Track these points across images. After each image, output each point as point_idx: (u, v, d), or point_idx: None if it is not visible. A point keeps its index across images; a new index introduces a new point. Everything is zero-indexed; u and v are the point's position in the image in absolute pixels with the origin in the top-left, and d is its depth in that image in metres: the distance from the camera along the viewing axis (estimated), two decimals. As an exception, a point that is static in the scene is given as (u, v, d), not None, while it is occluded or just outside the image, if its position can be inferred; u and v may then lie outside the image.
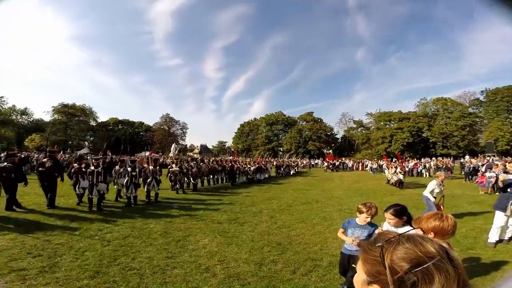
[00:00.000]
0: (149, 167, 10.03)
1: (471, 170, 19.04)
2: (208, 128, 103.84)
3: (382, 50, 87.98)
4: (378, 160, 33.70)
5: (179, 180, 12.14)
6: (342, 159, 41.26)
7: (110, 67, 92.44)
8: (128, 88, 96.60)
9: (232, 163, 17.18)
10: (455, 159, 36.18)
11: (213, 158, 21.54)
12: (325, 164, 34.15)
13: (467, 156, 30.68)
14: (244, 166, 18.13)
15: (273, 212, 8.39)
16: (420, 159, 30.99)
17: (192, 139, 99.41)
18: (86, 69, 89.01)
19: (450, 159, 30.01)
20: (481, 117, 52.63)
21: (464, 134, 49.40)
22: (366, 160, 40.19)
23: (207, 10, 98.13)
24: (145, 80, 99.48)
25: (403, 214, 2.89)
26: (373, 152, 53.68)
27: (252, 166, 18.76)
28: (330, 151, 56.17)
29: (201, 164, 14.44)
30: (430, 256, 0.62)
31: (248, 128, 69.54)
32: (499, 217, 5.50)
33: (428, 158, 31.12)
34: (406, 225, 2.83)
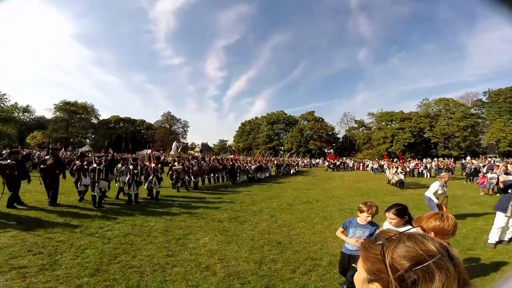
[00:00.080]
0: (151, 165, 10.05)
1: (472, 171, 19.04)
2: (209, 127, 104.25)
3: (384, 50, 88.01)
4: (379, 160, 33.67)
5: (182, 178, 12.16)
6: (343, 159, 41.19)
7: (112, 66, 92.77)
8: (130, 87, 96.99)
9: (233, 162, 17.22)
10: (457, 160, 36.10)
11: (214, 157, 21.53)
12: (326, 164, 34.17)
13: (468, 157, 30.58)
14: (245, 165, 18.17)
15: (274, 211, 8.39)
16: (421, 160, 30.90)
17: (193, 138, 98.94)
18: (88, 68, 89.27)
19: (451, 160, 29.96)
20: (483, 118, 52.38)
21: (466, 135, 49.22)
22: (367, 160, 40.16)
23: (209, 9, 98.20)
24: (147, 79, 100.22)
25: (405, 214, 2.89)
26: (374, 152, 53.62)
27: (253, 165, 18.78)
28: (331, 151, 56.04)
29: (202, 163, 14.45)
30: (431, 255, 0.62)
31: (249, 127, 69.54)
32: (500, 218, 5.54)
33: (429, 159, 31.02)
34: (407, 225, 2.83)
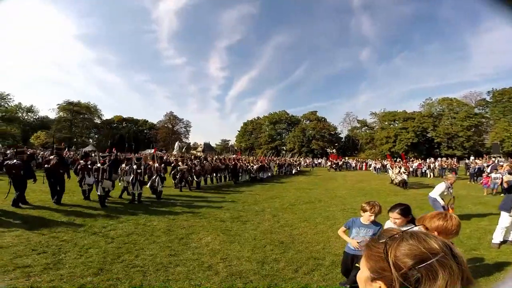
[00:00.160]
0: (154, 165, 10.11)
1: (476, 171, 18.91)
2: (212, 127, 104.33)
3: (387, 50, 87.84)
4: (382, 160, 33.52)
5: (186, 178, 12.19)
6: (346, 159, 41.10)
7: (115, 66, 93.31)
8: (133, 86, 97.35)
9: (235, 162, 17.24)
10: (460, 160, 35.86)
11: (216, 157, 21.58)
12: (329, 164, 34.06)
13: (472, 157, 30.36)
14: (247, 165, 18.18)
15: (276, 211, 8.39)
16: (425, 160, 30.74)
17: (196, 137, 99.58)
18: (91, 67, 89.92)
19: (455, 160, 29.75)
20: (487, 118, 51.98)
21: (470, 135, 48.91)
22: (370, 160, 40.02)
23: (211, 10, 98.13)
24: (149, 79, 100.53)
25: (409, 213, 2.87)
26: (377, 152, 53.44)
27: (255, 165, 18.77)
28: (334, 151, 55.95)
29: (205, 162, 14.48)
30: (434, 253, 0.62)
31: (252, 127, 69.58)
32: (504, 218, 5.52)
33: (433, 159, 30.85)
34: (410, 224, 2.81)
